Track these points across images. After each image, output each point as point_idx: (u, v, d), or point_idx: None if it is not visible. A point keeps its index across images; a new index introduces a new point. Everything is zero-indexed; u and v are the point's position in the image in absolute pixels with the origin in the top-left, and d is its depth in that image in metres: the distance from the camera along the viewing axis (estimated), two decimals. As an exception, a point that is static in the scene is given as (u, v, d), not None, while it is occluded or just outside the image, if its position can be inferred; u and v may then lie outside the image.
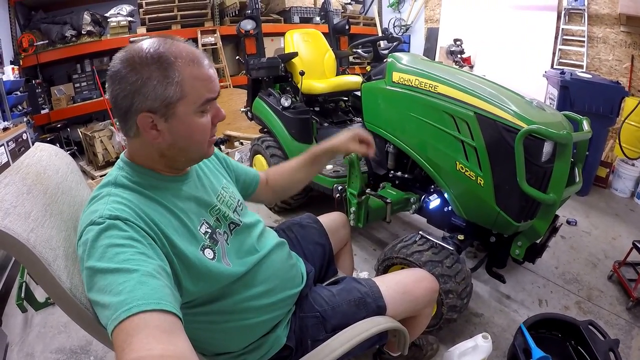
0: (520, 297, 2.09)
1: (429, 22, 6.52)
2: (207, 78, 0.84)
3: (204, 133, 0.87)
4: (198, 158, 0.95)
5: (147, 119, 0.80)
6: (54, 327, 2.00)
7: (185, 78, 0.79)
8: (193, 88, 0.81)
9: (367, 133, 1.33)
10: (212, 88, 0.85)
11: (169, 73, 0.78)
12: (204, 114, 0.86)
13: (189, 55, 0.81)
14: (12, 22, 4.79)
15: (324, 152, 1.32)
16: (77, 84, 5.41)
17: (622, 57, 4.30)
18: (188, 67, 0.80)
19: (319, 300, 1.13)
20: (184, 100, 0.80)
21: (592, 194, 3.40)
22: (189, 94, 0.80)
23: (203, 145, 0.89)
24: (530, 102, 1.53)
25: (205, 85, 0.83)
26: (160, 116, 0.80)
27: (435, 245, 1.67)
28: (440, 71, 1.72)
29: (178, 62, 0.79)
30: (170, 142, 0.84)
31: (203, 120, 0.85)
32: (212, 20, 5.76)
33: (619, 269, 2.15)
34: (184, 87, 0.79)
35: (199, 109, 0.83)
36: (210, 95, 0.84)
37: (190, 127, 0.84)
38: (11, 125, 3.54)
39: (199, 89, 0.82)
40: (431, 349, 1.68)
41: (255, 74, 3.04)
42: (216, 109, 0.89)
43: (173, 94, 0.79)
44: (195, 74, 0.81)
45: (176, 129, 0.82)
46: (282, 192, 1.40)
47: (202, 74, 0.83)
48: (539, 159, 1.40)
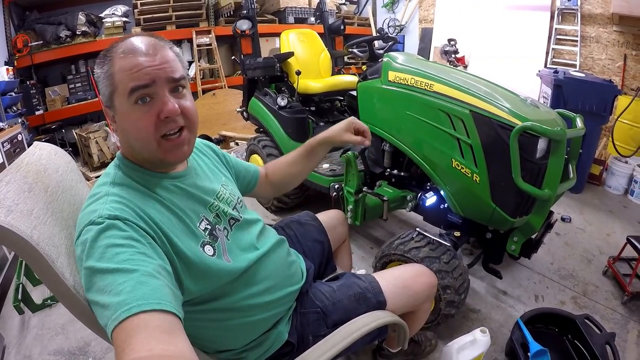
0: (516, 293, 2.11)
1: (423, 22, 6.55)
2: (132, 67, 0.79)
3: (142, 128, 0.81)
4: (151, 157, 0.86)
5: (109, 114, 0.85)
6: (51, 328, 1.99)
7: (115, 70, 0.80)
8: (120, 79, 0.80)
9: (362, 123, 1.29)
10: (137, 76, 0.78)
11: (105, 68, 0.81)
12: (142, 107, 0.80)
13: (126, 47, 0.81)
14: (7, 22, 4.76)
15: (319, 143, 1.29)
16: (71, 85, 5.38)
17: (615, 56, 4.34)
18: (119, 59, 0.80)
19: (319, 296, 1.13)
20: (116, 92, 0.81)
21: (586, 191, 3.42)
22: (118, 85, 0.80)
23: (149, 143, 0.83)
24: (524, 100, 1.54)
25: (129, 74, 0.79)
26: (111, 110, 0.84)
27: (433, 241, 1.68)
28: (436, 70, 1.73)
29: (113, 56, 0.81)
30: (122, 137, 0.86)
31: (139, 114, 0.80)
32: (207, 21, 5.74)
33: (613, 264, 2.18)
34: (114, 79, 0.80)
35: (130, 100, 0.80)
36: (133, 84, 0.78)
37: (128, 121, 0.82)
38: (6, 126, 3.52)
39: (123, 79, 0.79)
40: (429, 344, 1.69)
41: (251, 73, 3.04)
42: (162, 102, 0.81)
43: (107, 87, 0.81)
44: (122, 65, 0.80)
45: (119, 123, 0.85)
46: (280, 186, 1.40)
47: (128, 64, 0.79)
48: (533, 156, 1.42)
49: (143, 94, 0.80)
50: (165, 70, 0.81)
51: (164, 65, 0.82)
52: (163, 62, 0.82)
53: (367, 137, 1.28)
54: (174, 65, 0.84)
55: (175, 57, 0.87)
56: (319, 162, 1.42)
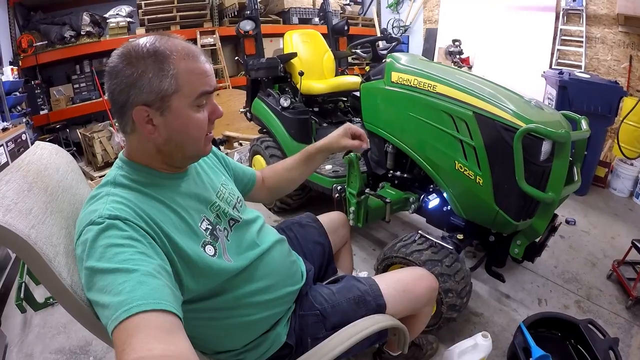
0: (519, 296, 2.09)
1: (427, 22, 6.53)
2: (202, 72, 0.84)
3: (199, 128, 0.87)
4: (194, 155, 0.94)
5: (143, 113, 0.80)
6: (53, 327, 1.99)
7: (180, 71, 0.80)
8: (188, 81, 0.81)
9: (357, 127, 1.32)
10: (207, 82, 0.85)
11: (164, 66, 0.78)
12: (200, 109, 0.85)
13: (184, 49, 0.82)
14: (11, 22, 4.78)
15: (318, 150, 1.32)
16: (76, 85, 5.40)
17: (621, 57, 4.31)
18: (183, 60, 0.80)
19: (318, 298, 1.13)
20: (178, 93, 0.80)
21: (591, 193, 3.40)
22: (184, 87, 0.80)
23: (199, 142, 0.89)
24: (528, 101, 1.53)
25: (200, 78, 0.83)
26: (156, 110, 0.80)
27: (435, 244, 1.67)
28: (439, 71, 1.72)
29: (173, 56, 0.79)
30: (166, 137, 0.84)
31: (199, 115, 0.85)
32: (211, 21, 5.75)
33: (618, 268, 2.16)
34: (178, 80, 0.80)
35: (194, 102, 0.83)
36: (205, 89, 0.84)
37: (186, 122, 0.84)
38: (10, 126, 3.54)
39: (193, 82, 0.82)
40: (431, 348, 1.68)
41: (255, 74, 3.04)
42: (213, 105, 0.90)
43: (168, 87, 0.79)
44: (190, 68, 0.81)
45: (171, 123, 0.82)
46: (277, 191, 1.40)
47: (197, 68, 0.83)
48: (537, 158, 1.41)
49: (205, 99, 0.86)
50: (214, 79, 0.89)
51: (213, 74, 0.90)
52: (212, 72, 0.90)
53: (365, 141, 1.31)
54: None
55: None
56: (316, 169, 1.44)
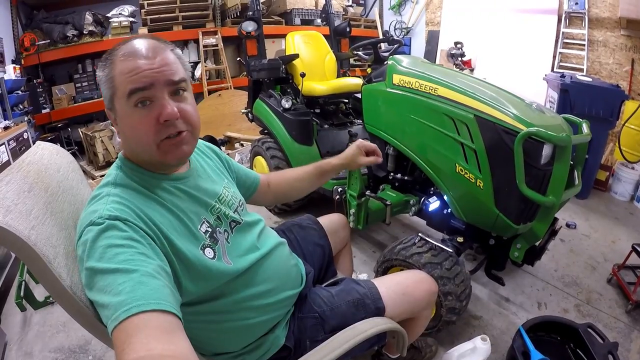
0: (519, 300, 2.09)
1: (429, 25, 6.53)
2: (131, 69, 0.79)
3: (142, 131, 0.81)
4: (151, 160, 0.86)
5: (111, 116, 0.86)
6: (52, 326, 2.00)
7: (116, 73, 0.80)
8: (120, 82, 0.80)
9: (368, 142, 1.39)
10: (136, 79, 0.78)
11: (106, 70, 0.82)
12: (143, 110, 0.80)
13: (127, 50, 0.81)
14: (14, 21, 4.79)
15: (333, 168, 1.38)
16: (78, 84, 5.42)
17: (623, 61, 4.30)
18: (120, 62, 0.80)
19: (317, 301, 1.13)
20: (116, 95, 0.81)
21: (591, 197, 3.39)
22: (118, 88, 0.80)
23: (148, 146, 0.82)
24: (529, 104, 1.53)
25: (128, 77, 0.79)
26: (112, 113, 0.85)
27: (435, 247, 1.67)
28: (440, 74, 1.72)
29: (114, 59, 0.81)
30: (123, 139, 0.88)
31: (138, 117, 0.80)
32: (213, 22, 5.76)
33: (618, 272, 2.15)
34: (115, 82, 0.81)
35: (129, 102, 0.80)
36: (132, 86, 0.78)
37: (128, 123, 0.83)
38: (12, 125, 3.55)
39: (123, 82, 0.79)
40: (430, 351, 1.68)
41: (256, 75, 3.05)
42: (162, 105, 0.80)
43: (108, 90, 0.82)
44: (122, 68, 0.80)
45: (120, 125, 0.85)
46: (282, 197, 1.43)
47: (127, 66, 0.79)
48: (538, 162, 1.40)
49: (142, 97, 0.79)
50: (165, 73, 0.81)
51: (163, 68, 0.81)
52: (162, 65, 0.81)
53: (378, 155, 1.39)
54: (174, 67, 0.83)
55: (176, 59, 0.86)
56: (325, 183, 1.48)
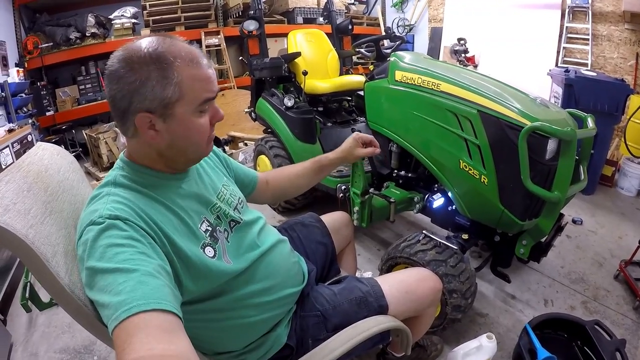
0: (525, 297, 2.07)
1: (432, 21, 6.51)
2: (205, 78, 0.83)
3: (201, 133, 0.87)
4: (197, 158, 0.95)
5: (145, 119, 0.79)
6: (58, 327, 2.00)
7: (183, 78, 0.79)
8: (191, 88, 0.80)
9: (364, 135, 1.40)
10: (210, 88, 0.85)
11: (168, 73, 0.77)
12: (202, 114, 0.85)
13: (187, 55, 0.81)
14: (17, 24, 4.83)
15: (331, 163, 1.38)
16: (81, 86, 5.45)
17: (627, 55, 4.28)
18: (187, 67, 0.80)
19: (320, 299, 1.12)
20: (182, 100, 0.80)
21: (597, 192, 3.37)
22: (187, 94, 0.80)
23: (201, 146, 0.90)
24: (534, 99, 1.51)
25: (203, 85, 0.83)
26: (159, 116, 0.80)
27: (439, 244, 1.65)
28: (443, 69, 1.71)
29: (177, 62, 0.78)
30: (169, 142, 0.84)
31: (201, 121, 0.85)
32: (215, 22, 5.77)
33: (625, 268, 2.13)
34: (182, 87, 0.79)
35: (197, 109, 0.83)
36: (208, 95, 0.84)
37: (189, 128, 0.84)
38: (16, 127, 3.58)
39: (197, 90, 0.81)
40: (435, 349, 1.66)
41: (259, 74, 3.04)
42: (214, 109, 0.90)
43: (172, 95, 0.78)
44: (193, 74, 0.81)
45: (174, 129, 0.82)
46: (281, 195, 1.41)
47: (200, 74, 0.82)
48: (543, 157, 1.39)
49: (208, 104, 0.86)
50: (216, 83, 0.89)
51: (215, 79, 0.89)
52: (215, 76, 0.89)
53: (375, 145, 1.41)
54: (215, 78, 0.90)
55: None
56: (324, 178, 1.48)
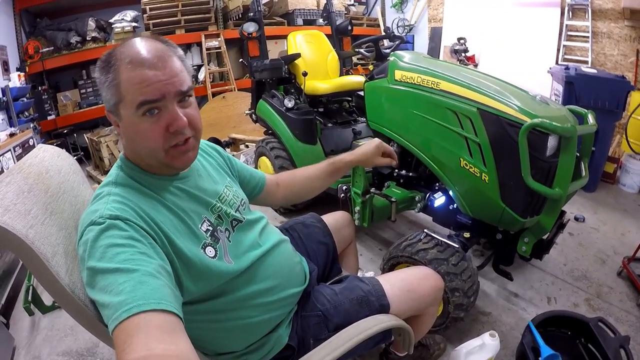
0: (528, 295, 2.07)
1: (432, 21, 6.50)
2: (141, 81, 0.78)
3: (150, 139, 0.81)
4: (158, 164, 0.87)
5: (112, 118, 0.86)
6: (60, 330, 2.01)
7: (121, 80, 0.78)
8: (127, 90, 0.78)
9: (387, 145, 1.39)
10: (147, 91, 0.78)
11: (109, 75, 0.79)
12: (150, 118, 0.80)
13: (132, 55, 0.79)
14: (18, 29, 4.85)
15: (347, 166, 1.37)
16: (82, 90, 5.47)
17: (627, 52, 4.26)
18: (125, 69, 0.78)
19: (321, 299, 1.11)
20: (122, 102, 0.80)
21: (599, 189, 3.35)
22: (125, 96, 0.79)
23: (156, 152, 0.83)
24: (533, 97, 1.51)
25: (138, 87, 0.78)
26: (115, 117, 0.84)
27: (441, 243, 1.65)
28: (443, 68, 1.71)
29: (117, 64, 0.79)
30: (126, 142, 0.87)
31: (147, 125, 0.80)
32: (215, 24, 5.78)
33: (628, 265, 2.12)
34: (120, 89, 0.79)
35: (137, 112, 0.79)
36: (143, 98, 0.78)
37: (135, 131, 0.82)
38: (18, 131, 3.60)
39: (132, 92, 0.78)
40: (438, 348, 1.66)
41: (259, 76, 3.05)
42: (172, 115, 0.81)
43: (112, 97, 0.80)
44: (129, 76, 0.78)
45: (125, 130, 0.84)
46: (294, 197, 1.40)
47: (137, 77, 0.78)
48: (543, 154, 1.39)
49: (151, 108, 0.79)
50: (175, 84, 0.81)
51: (174, 80, 0.81)
52: (172, 76, 0.81)
53: (394, 158, 1.41)
54: (182, 77, 0.83)
55: (182, 66, 0.85)
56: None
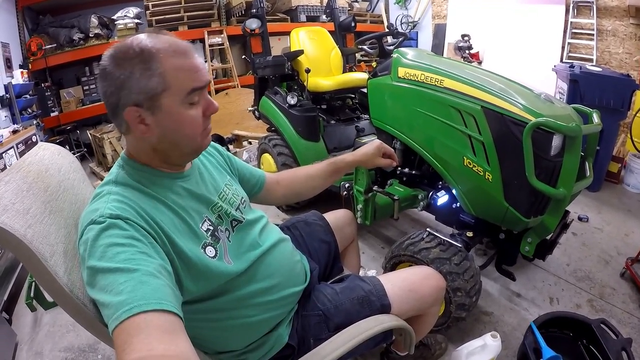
0: (530, 295, 2.05)
1: (436, 18, 6.47)
2: (191, 67, 0.82)
3: (193, 126, 0.85)
4: (191, 152, 0.91)
5: (134, 113, 0.79)
6: (62, 326, 2.01)
7: (167, 69, 0.78)
8: (177, 78, 0.79)
9: (387, 146, 1.37)
10: (198, 77, 0.83)
11: (151, 65, 0.77)
12: (192, 106, 0.83)
13: (171, 46, 0.80)
14: (21, 26, 4.87)
15: (348, 166, 1.35)
16: (85, 87, 5.48)
17: (633, 50, 4.22)
18: (170, 57, 0.79)
19: (321, 298, 1.11)
20: (168, 91, 0.79)
21: (603, 189, 3.33)
22: (173, 84, 0.79)
23: (194, 139, 0.87)
24: (538, 95, 1.50)
25: (189, 75, 0.81)
26: (147, 109, 0.79)
27: (443, 242, 1.64)
28: (446, 65, 1.69)
29: (160, 54, 0.78)
30: (160, 135, 0.83)
31: (192, 112, 0.83)
32: (218, 21, 5.77)
33: (631, 266, 2.10)
34: (166, 78, 0.78)
35: (185, 100, 0.81)
36: (195, 85, 0.82)
37: (178, 120, 0.82)
38: (21, 128, 3.60)
39: (182, 79, 0.80)
40: (439, 348, 1.65)
41: (262, 72, 3.04)
42: (207, 100, 0.87)
43: (156, 86, 0.78)
44: (178, 64, 0.80)
45: (163, 121, 0.81)
46: (294, 196, 1.39)
47: (185, 64, 0.81)
48: (548, 153, 1.37)
49: (198, 95, 0.84)
50: (206, 74, 0.87)
51: (205, 69, 0.87)
52: (204, 66, 0.87)
53: (394, 159, 1.39)
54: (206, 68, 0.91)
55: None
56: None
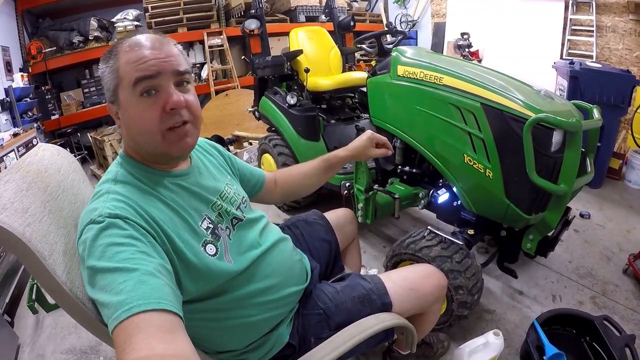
0: (533, 293, 2.05)
1: (435, 16, 6.47)
2: (138, 59, 0.79)
3: (145, 120, 0.81)
4: (155, 151, 0.85)
5: (112, 108, 0.87)
6: (64, 328, 2.01)
7: (120, 64, 0.81)
8: (125, 71, 0.80)
9: (378, 135, 1.36)
10: (143, 67, 0.79)
11: (110, 62, 0.82)
12: (145, 99, 0.80)
13: (132, 41, 0.83)
14: (20, 30, 4.87)
15: (341, 161, 1.35)
16: (86, 89, 5.48)
17: (633, 46, 4.22)
18: (124, 53, 0.81)
19: (322, 297, 1.10)
20: (120, 85, 0.81)
21: (605, 186, 3.32)
22: (123, 78, 0.81)
23: (154, 135, 0.82)
24: (538, 91, 1.49)
25: (135, 66, 0.79)
26: (115, 105, 0.84)
27: (444, 240, 1.64)
28: (445, 63, 1.69)
29: (118, 50, 0.82)
30: (126, 130, 0.86)
31: (144, 106, 0.80)
32: (218, 22, 5.77)
33: (634, 262, 2.09)
34: (119, 72, 0.81)
35: (134, 92, 0.79)
36: (138, 75, 0.78)
37: (132, 114, 0.83)
38: (21, 131, 3.60)
39: (129, 71, 0.80)
40: (442, 346, 1.65)
41: (261, 72, 3.05)
42: (166, 93, 0.81)
43: (112, 81, 0.82)
44: (128, 57, 0.80)
45: (124, 116, 0.85)
46: (290, 194, 1.40)
47: (134, 56, 0.80)
48: (548, 149, 1.37)
49: (148, 86, 0.80)
50: (171, 63, 0.82)
51: (170, 58, 0.82)
52: (169, 55, 0.83)
53: (388, 147, 1.37)
54: (179, 59, 0.85)
55: (179, 53, 0.88)
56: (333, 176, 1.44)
